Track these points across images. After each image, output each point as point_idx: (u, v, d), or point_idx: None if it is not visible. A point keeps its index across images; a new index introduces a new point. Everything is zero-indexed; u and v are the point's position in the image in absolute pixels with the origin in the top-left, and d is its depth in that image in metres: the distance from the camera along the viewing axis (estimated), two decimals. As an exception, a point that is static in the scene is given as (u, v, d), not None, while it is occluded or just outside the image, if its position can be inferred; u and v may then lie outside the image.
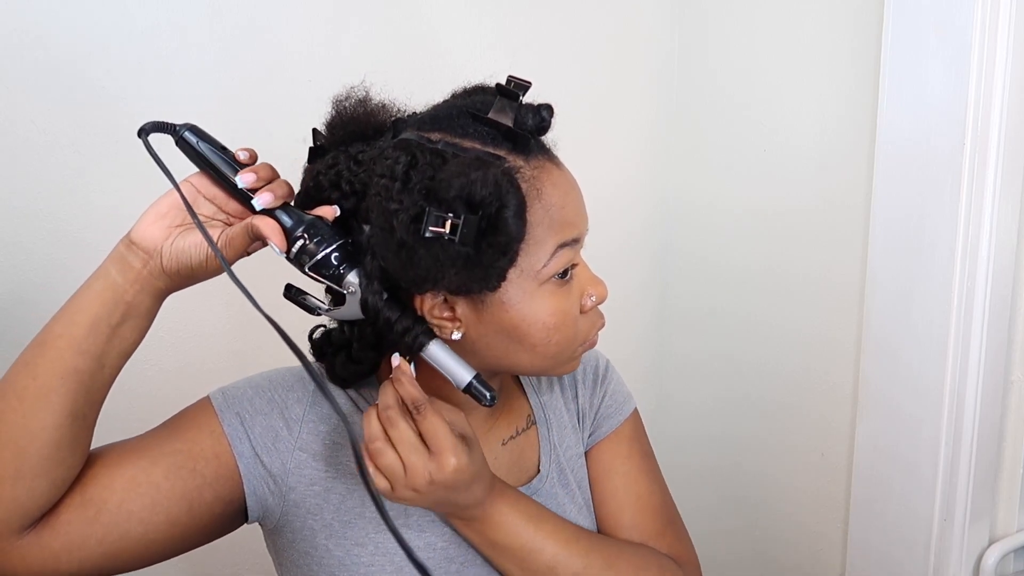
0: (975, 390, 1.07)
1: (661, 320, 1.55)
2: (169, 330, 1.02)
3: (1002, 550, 1.13)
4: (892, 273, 1.12)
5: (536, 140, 0.65)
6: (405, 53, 1.15)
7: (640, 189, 1.48)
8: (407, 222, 0.59)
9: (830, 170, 1.23)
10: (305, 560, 0.69)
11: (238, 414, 0.67)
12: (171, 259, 0.60)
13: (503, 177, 0.59)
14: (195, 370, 1.04)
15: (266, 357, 0.78)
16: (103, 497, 0.61)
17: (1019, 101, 1.02)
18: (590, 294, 0.68)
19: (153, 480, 0.63)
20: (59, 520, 0.60)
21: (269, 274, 0.70)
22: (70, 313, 0.59)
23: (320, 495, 0.68)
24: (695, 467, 1.52)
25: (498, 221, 0.59)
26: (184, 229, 0.61)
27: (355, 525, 0.68)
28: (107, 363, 0.60)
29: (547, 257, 0.63)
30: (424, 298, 0.64)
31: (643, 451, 0.83)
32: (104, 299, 0.59)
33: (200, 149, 0.63)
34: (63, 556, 0.60)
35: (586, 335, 0.69)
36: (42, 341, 0.59)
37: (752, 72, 1.34)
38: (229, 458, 0.66)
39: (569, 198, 0.65)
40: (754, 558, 1.44)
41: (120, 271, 0.60)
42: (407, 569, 0.68)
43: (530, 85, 0.64)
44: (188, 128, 0.63)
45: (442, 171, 0.59)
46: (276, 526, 0.70)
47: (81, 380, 0.59)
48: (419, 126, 0.64)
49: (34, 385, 0.58)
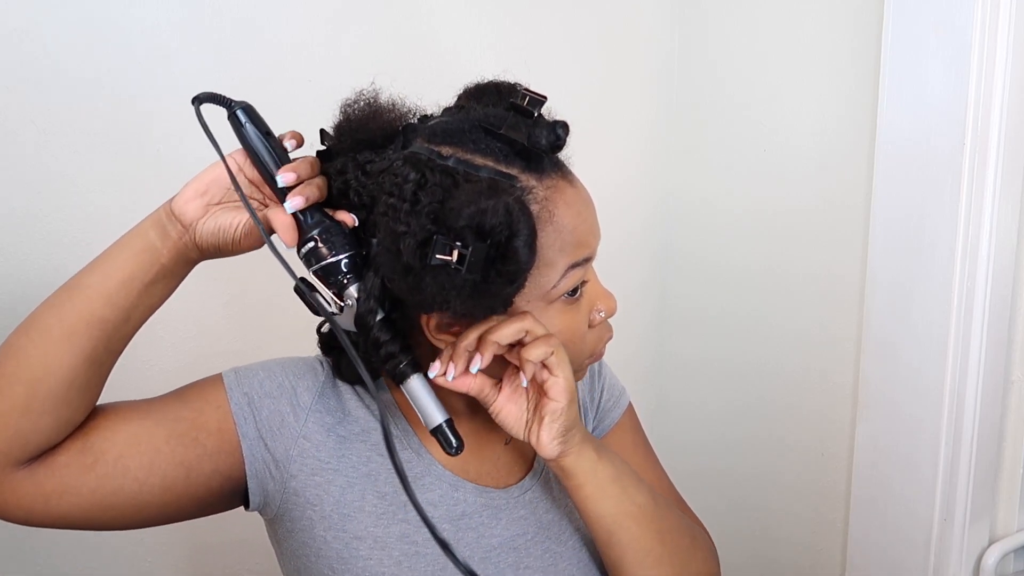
0: (975, 390, 1.07)
1: (661, 320, 1.55)
2: (169, 330, 1.02)
3: (1002, 550, 1.13)
4: (892, 273, 1.12)
5: (550, 158, 0.64)
6: (405, 53, 1.15)
7: (640, 189, 1.48)
8: (414, 247, 0.57)
9: (830, 170, 1.23)
10: (303, 551, 0.69)
11: (247, 394, 0.68)
12: (203, 237, 0.62)
13: (515, 205, 0.58)
14: (195, 370, 1.03)
15: (266, 357, 0.78)
16: (103, 448, 0.62)
17: (1019, 101, 1.02)
18: (599, 309, 0.67)
19: (154, 442, 0.63)
20: (56, 462, 0.61)
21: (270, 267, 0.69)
22: (105, 267, 0.61)
23: (321, 486, 0.68)
24: (695, 467, 1.52)
25: (507, 250, 0.58)
26: (220, 208, 0.62)
27: (354, 519, 0.68)
28: (133, 316, 0.62)
29: (557, 278, 0.63)
30: (430, 317, 0.64)
31: (644, 440, 0.85)
32: (141, 260, 0.61)
33: (246, 132, 0.62)
34: (54, 498, 0.60)
35: (593, 348, 0.69)
36: (73, 286, 0.61)
37: (752, 72, 1.34)
38: (232, 435, 0.66)
39: (582, 217, 0.64)
40: (754, 558, 1.44)
41: (159, 236, 0.61)
42: (405, 563, 0.68)
43: (545, 100, 0.63)
44: (242, 107, 0.63)
45: (452, 198, 0.58)
46: (276, 515, 0.70)
47: (105, 329, 0.60)
48: (430, 138, 0.62)
49: (59, 326, 0.59)
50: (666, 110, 1.48)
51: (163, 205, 0.62)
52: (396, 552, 0.68)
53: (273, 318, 1.08)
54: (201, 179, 0.62)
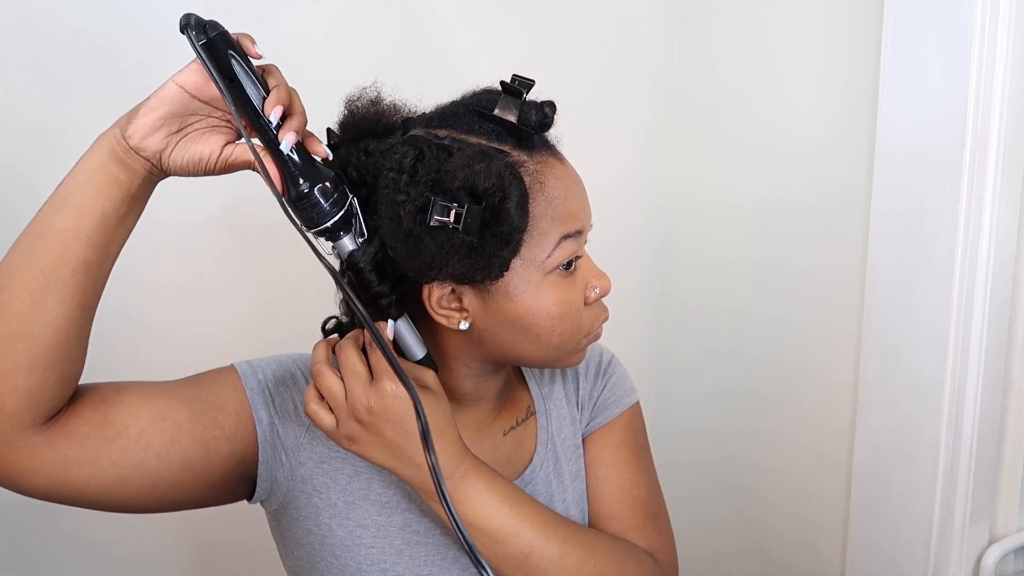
0: (975, 390, 1.07)
1: (661, 316, 1.55)
2: (169, 332, 1.02)
3: (1002, 550, 1.13)
4: (892, 272, 1.12)
5: (540, 136, 0.67)
6: (404, 54, 1.15)
7: (640, 184, 1.48)
8: (413, 212, 0.61)
9: (830, 167, 1.23)
10: (308, 538, 0.71)
11: (260, 381, 0.70)
12: (175, 166, 0.60)
13: (506, 169, 0.61)
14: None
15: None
16: (126, 422, 0.62)
17: (1019, 100, 1.02)
18: (594, 286, 0.69)
19: (177, 419, 0.64)
20: (77, 432, 0.60)
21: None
22: (74, 207, 0.58)
23: (328, 474, 0.70)
24: (694, 463, 1.52)
25: (501, 211, 0.61)
26: (182, 137, 0.60)
27: (359, 507, 0.70)
28: (112, 251, 0.61)
29: (551, 248, 0.65)
30: (432, 288, 0.65)
31: (636, 443, 0.83)
32: (111, 194, 0.59)
33: (230, 59, 0.59)
34: (74, 466, 0.60)
35: (590, 327, 0.70)
36: (43, 233, 0.58)
37: (753, 68, 1.34)
38: (248, 417, 0.68)
39: (572, 191, 0.67)
40: (753, 557, 1.44)
41: (121, 169, 0.59)
42: (407, 552, 0.70)
43: (533, 83, 0.67)
44: (220, 34, 0.59)
45: (447, 163, 0.61)
46: (281, 504, 0.71)
47: (89, 271, 0.59)
48: (427, 123, 0.66)
49: (41, 277, 0.57)
50: (666, 107, 1.48)
51: (112, 133, 0.59)
52: (398, 541, 0.70)
53: (273, 327, 1.08)
54: (153, 109, 0.59)
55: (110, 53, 0.94)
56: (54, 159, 0.91)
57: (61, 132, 0.91)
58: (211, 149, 0.61)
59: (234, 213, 1.05)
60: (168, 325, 1.02)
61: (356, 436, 0.63)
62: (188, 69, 0.60)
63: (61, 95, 0.92)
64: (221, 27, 0.59)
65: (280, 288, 1.09)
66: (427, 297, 0.66)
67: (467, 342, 0.69)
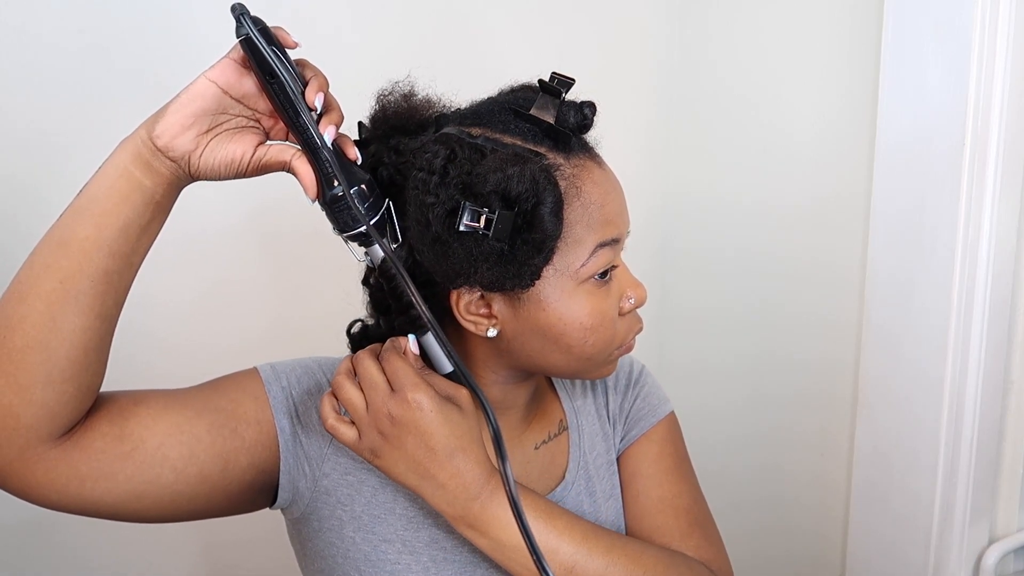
0: (975, 390, 1.07)
1: (661, 315, 1.55)
2: (170, 335, 1.01)
3: (1002, 550, 1.13)
4: (892, 272, 1.12)
5: (578, 138, 0.65)
6: (410, 52, 1.15)
7: (641, 184, 1.48)
8: (442, 216, 0.58)
9: (830, 168, 1.23)
10: (330, 551, 0.68)
11: (284, 388, 0.67)
12: (205, 170, 0.58)
13: (540, 173, 0.59)
14: (197, 377, 1.03)
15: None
16: (142, 436, 0.60)
17: (1019, 101, 1.02)
18: (629, 296, 0.66)
19: (196, 431, 0.61)
20: (92, 447, 0.58)
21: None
22: (95, 215, 0.56)
23: (353, 486, 0.68)
24: (694, 462, 1.52)
25: (534, 218, 0.58)
26: (213, 137, 0.58)
27: (385, 520, 0.67)
28: (135, 261, 0.58)
29: (586, 256, 0.62)
30: (460, 293, 0.63)
31: (676, 454, 0.80)
32: (134, 201, 0.56)
33: (268, 55, 0.56)
34: (88, 482, 0.58)
35: (623, 338, 0.67)
36: (64, 242, 0.56)
37: (753, 68, 1.34)
38: (270, 427, 0.65)
39: (610, 197, 0.64)
40: (753, 556, 1.44)
41: (145, 173, 0.57)
42: (433, 569, 0.67)
43: (573, 82, 0.63)
44: (261, 27, 0.56)
45: (479, 166, 0.59)
46: (303, 513, 0.69)
47: (111, 281, 0.57)
48: (461, 120, 0.64)
49: (60, 288, 0.55)
50: (666, 107, 1.48)
51: (138, 136, 0.57)
52: (424, 557, 0.67)
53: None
54: (184, 105, 0.56)
55: (109, 58, 0.94)
56: (52, 164, 0.91)
57: (59, 136, 0.91)
58: (244, 149, 0.58)
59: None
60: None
61: (379, 449, 0.61)
62: (220, 64, 0.57)
63: (59, 100, 0.92)
64: (261, 21, 0.57)
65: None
66: (455, 302, 0.63)
67: (495, 349, 0.66)
